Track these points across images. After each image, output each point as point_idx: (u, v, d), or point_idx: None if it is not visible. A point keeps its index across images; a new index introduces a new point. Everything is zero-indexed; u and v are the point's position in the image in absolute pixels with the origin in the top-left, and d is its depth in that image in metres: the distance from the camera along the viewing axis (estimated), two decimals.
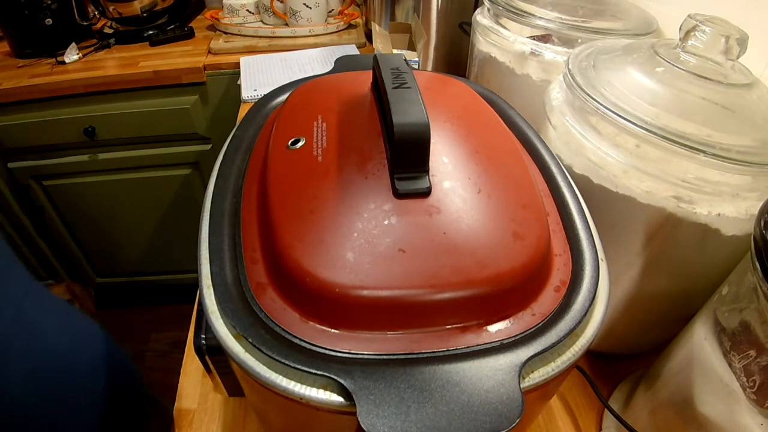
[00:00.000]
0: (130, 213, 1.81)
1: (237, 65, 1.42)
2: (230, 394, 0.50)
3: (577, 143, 0.52)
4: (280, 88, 0.56)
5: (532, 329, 0.35)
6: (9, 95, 1.43)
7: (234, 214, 0.41)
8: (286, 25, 1.56)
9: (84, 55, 1.53)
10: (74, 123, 1.52)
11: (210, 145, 1.64)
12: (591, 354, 0.65)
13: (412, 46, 1.08)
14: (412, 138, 0.36)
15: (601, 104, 0.49)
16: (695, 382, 0.43)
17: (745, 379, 0.38)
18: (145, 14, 1.60)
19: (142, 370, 0.64)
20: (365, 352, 0.32)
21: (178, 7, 1.71)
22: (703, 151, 0.43)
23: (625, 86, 0.51)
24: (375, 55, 0.44)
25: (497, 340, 0.34)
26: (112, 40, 1.58)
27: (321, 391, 0.31)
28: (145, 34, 1.61)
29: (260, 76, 1.28)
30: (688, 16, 0.51)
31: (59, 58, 1.49)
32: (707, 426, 0.42)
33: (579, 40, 0.70)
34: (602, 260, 0.40)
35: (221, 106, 1.55)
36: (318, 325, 0.33)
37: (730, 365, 0.40)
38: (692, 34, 0.51)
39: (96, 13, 1.63)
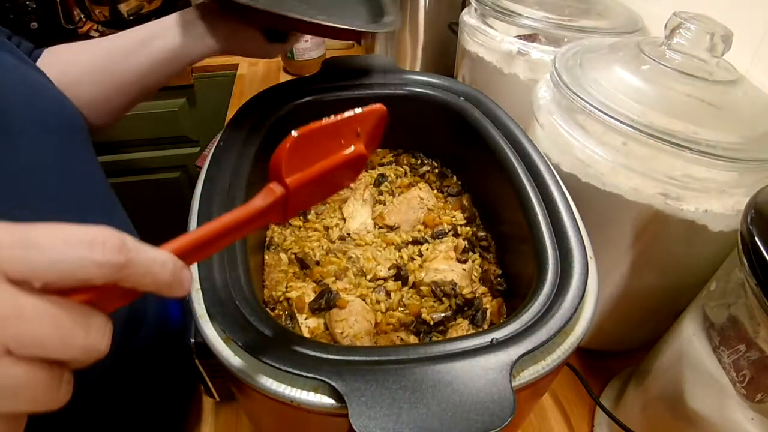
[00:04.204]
0: None
1: (224, 67, 1.40)
2: (221, 397, 0.50)
3: (565, 142, 0.52)
4: (265, 91, 0.56)
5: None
6: None
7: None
8: None
9: None
10: None
11: (198, 148, 1.63)
12: (582, 351, 0.65)
13: None
14: None
15: (587, 102, 0.49)
16: (685, 378, 0.43)
17: (734, 374, 0.39)
18: (131, 17, 1.59)
19: None
20: None
21: (164, 10, 1.69)
22: (690, 148, 0.43)
23: (612, 84, 0.51)
24: None
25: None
26: None
27: (312, 393, 0.31)
28: None
29: None
30: (673, 13, 0.52)
31: None
32: (698, 421, 0.42)
33: (565, 39, 0.70)
34: (591, 258, 0.40)
35: (209, 109, 1.54)
36: None
37: (719, 360, 0.40)
38: (677, 31, 0.51)
39: (82, 16, 1.61)
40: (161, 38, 0.61)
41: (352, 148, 0.32)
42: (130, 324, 0.55)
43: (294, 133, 0.29)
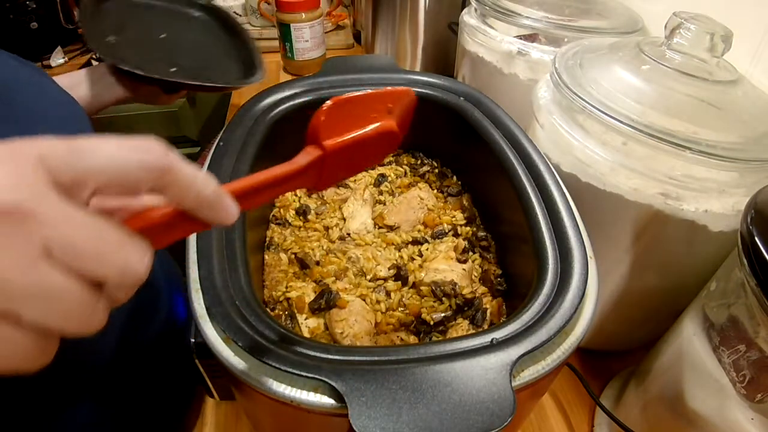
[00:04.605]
0: None
1: None
2: (221, 397, 0.50)
3: (565, 142, 0.52)
4: (265, 91, 0.56)
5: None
6: None
7: None
8: (274, 26, 1.56)
9: (70, 59, 1.51)
10: None
11: (199, 149, 1.62)
12: (582, 351, 0.65)
13: None
14: None
15: (587, 102, 0.49)
16: (685, 378, 0.43)
17: (734, 374, 0.39)
18: None
19: None
20: None
21: None
22: (690, 148, 0.43)
23: (612, 84, 0.51)
24: None
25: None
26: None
27: (312, 393, 0.31)
28: None
29: None
30: (673, 13, 0.52)
31: (45, 62, 1.47)
32: (698, 421, 0.42)
33: (566, 39, 0.70)
34: (591, 258, 0.40)
35: (210, 109, 1.54)
36: None
37: (719, 360, 0.40)
38: (677, 31, 0.51)
39: None
40: (78, 87, 0.76)
41: (385, 122, 0.34)
42: (139, 320, 0.55)
43: (329, 101, 0.31)
